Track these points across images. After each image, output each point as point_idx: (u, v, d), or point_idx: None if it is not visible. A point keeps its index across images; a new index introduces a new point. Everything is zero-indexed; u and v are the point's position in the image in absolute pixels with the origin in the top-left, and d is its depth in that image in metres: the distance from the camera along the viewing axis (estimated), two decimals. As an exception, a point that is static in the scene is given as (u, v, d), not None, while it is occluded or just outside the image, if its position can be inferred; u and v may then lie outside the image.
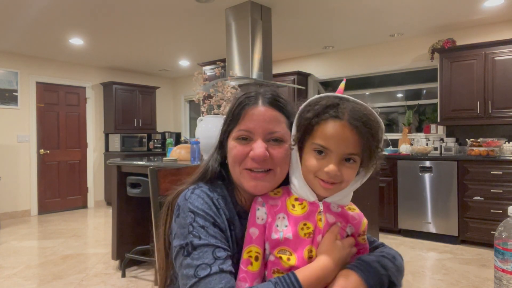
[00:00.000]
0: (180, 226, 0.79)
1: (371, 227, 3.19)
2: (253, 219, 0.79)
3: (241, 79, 3.63)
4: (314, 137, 0.75)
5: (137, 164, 3.08)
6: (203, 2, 3.66)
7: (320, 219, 0.77)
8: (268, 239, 0.77)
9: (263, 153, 0.79)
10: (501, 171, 3.77)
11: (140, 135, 6.88)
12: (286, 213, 0.78)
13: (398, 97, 5.50)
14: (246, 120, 0.82)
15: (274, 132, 0.82)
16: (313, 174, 0.76)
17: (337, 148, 0.73)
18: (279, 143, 0.82)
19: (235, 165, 0.83)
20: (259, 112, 0.82)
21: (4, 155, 5.55)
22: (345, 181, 0.76)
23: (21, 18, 4.07)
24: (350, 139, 0.72)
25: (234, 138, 0.84)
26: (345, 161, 0.74)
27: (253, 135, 0.82)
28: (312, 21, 4.32)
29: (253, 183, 0.81)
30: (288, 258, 0.74)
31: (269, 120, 0.82)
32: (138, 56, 5.93)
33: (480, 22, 4.37)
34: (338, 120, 0.73)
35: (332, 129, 0.73)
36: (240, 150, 0.82)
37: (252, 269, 0.76)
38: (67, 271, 3.30)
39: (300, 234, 0.75)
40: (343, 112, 0.73)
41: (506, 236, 0.59)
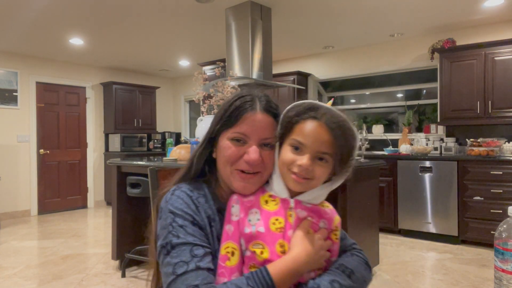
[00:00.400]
0: (162, 227, 0.82)
1: (371, 227, 3.20)
2: (228, 217, 0.83)
3: (241, 79, 3.63)
4: (293, 134, 0.81)
5: (137, 164, 3.08)
6: (203, 2, 3.66)
7: (290, 215, 0.81)
8: (242, 234, 0.80)
9: (258, 158, 0.83)
10: (501, 171, 3.77)
11: (140, 135, 6.88)
12: (259, 208, 0.82)
13: (398, 97, 5.50)
14: (244, 124, 0.85)
15: (267, 138, 0.86)
16: (287, 166, 0.81)
17: (312, 145, 0.78)
18: (269, 148, 0.86)
19: (227, 164, 0.86)
20: (257, 118, 0.85)
21: (4, 155, 5.55)
22: (316, 178, 0.80)
23: (21, 18, 4.08)
24: (324, 138, 0.78)
25: (228, 138, 0.86)
26: (318, 159, 0.79)
27: (248, 139, 0.85)
28: (312, 21, 4.32)
29: (243, 184, 0.85)
30: (262, 252, 0.77)
31: (266, 126, 0.86)
32: (138, 56, 5.93)
33: (480, 22, 4.37)
34: (316, 121, 0.79)
35: (310, 127, 0.79)
36: (234, 152, 0.85)
37: (230, 264, 0.79)
38: (67, 271, 3.30)
39: (272, 229, 0.79)
40: (321, 114, 0.80)
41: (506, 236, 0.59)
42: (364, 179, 2.97)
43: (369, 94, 5.75)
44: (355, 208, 2.80)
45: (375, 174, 3.16)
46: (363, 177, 2.94)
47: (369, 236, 3.03)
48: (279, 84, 4.09)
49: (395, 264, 3.41)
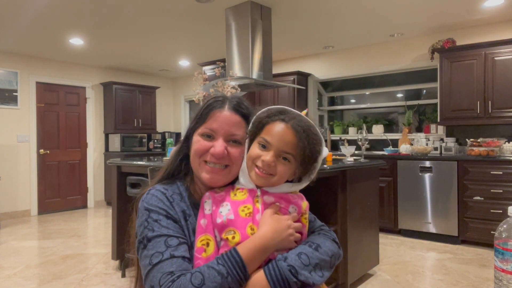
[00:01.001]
0: (139, 225, 0.88)
1: (371, 227, 3.20)
2: (201, 212, 0.89)
3: (241, 79, 3.63)
4: (262, 133, 0.88)
5: (137, 164, 3.08)
6: (203, 2, 3.66)
7: (257, 201, 0.87)
8: (215, 225, 0.85)
9: (222, 151, 0.90)
10: (501, 171, 3.77)
11: (140, 135, 6.88)
12: (229, 200, 0.88)
13: (398, 97, 5.50)
14: (212, 120, 0.92)
15: (234, 134, 0.92)
16: (252, 160, 0.88)
17: (277, 143, 0.85)
18: (237, 145, 0.93)
19: (196, 157, 0.93)
20: (224, 115, 0.92)
21: (4, 155, 5.55)
22: (277, 175, 0.86)
23: (21, 18, 4.08)
24: (290, 140, 0.85)
25: (199, 134, 0.93)
26: (282, 158, 0.86)
27: (216, 134, 0.92)
28: (312, 21, 4.32)
29: (209, 175, 0.91)
30: (233, 237, 0.82)
31: (232, 124, 0.92)
32: (138, 56, 5.93)
33: (480, 22, 4.37)
34: (284, 123, 0.87)
35: (278, 128, 0.86)
36: (202, 145, 0.92)
37: (206, 255, 0.83)
38: (67, 271, 3.30)
39: (241, 215, 0.84)
40: (289, 118, 0.88)
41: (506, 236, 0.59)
42: (364, 179, 2.96)
43: (369, 94, 5.75)
44: (355, 208, 2.80)
45: (375, 174, 3.16)
46: (363, 177, 2.94)
47: (369, 236, 3.03)
48: (279, 84, 4.09)
49: (395, 264, 3.41)
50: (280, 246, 0.82)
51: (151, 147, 6.99)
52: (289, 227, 0.83)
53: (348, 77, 5.70)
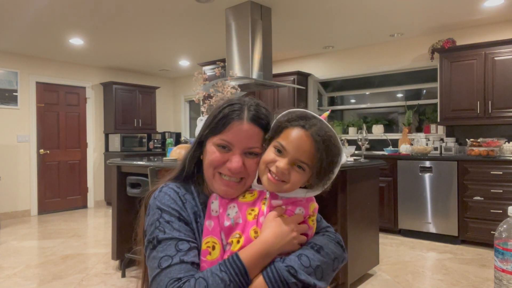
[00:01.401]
0: (149, 224, 0.86)
1: (371, 227, 3.20)
2: (208, 212, 0.87)
3: (241, 79, 3.63)
4: (279, 137, 0.84)
5: (137, 164, 3.08)
6: (203, 2, 3.66)
7: (264, 203, 0.84)
8: (222, 228, 0.84)
9: (239, 167, 0.86)
10: (501, 171, 3.77)
11: (140, 135, 6.88)
12: (237, 202, 0.86)
13: (398, 97, 5.50)
14: (230, 133, 0.87)
15: (252, 147, 0.88)
16: (265, 164, 0.84)
17: (293, 151, 0.81)
18: (254, 156, 0.89)
19: (210, 168, 0.89)
20: (243, 128, 0.87)
21: (4, 155, 5.55)
22: (290, 182, 0.82)
23: (21, 18, 4.08)
24: (307, 149, 0.81)
25: (214, 144, 0.89)
26: (297, 166, 0.82)
27: (233, 147, 0.88)
28: (312, 21, 4.32)
29: (224, 188, 0.88)
30: (238, 241, 0.81)
31: (251, 136, 0.88)
32: (138, 56, 5.93)
33: (480, 22, 4.37)
34: (304, 130, 0.82)
35: (296, 134, 0.82)
36: (218, 157, 0.88)
37: (211, 258, 0.82)
38: (67, 271, 3.30)
39: (248, 219, 0.83)
40: (310, 125, 0.83)
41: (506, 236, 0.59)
42: (364, 179, 2.96)
43: (369, 94, 5.75)
44: (355, 208, 2.80)
45: (375, 174, 3.16)
46: (363, 177, 2.94)
47: (369, 236, 3.03)
48: (279, 84, 4.09)
49: (395, 264, 3.41)
50: (283, 250, 0.80)
51: (151, 147, 6.99)
52: (293, 230, 0.81)
53: (348, 77, 5.70)
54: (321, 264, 0.82)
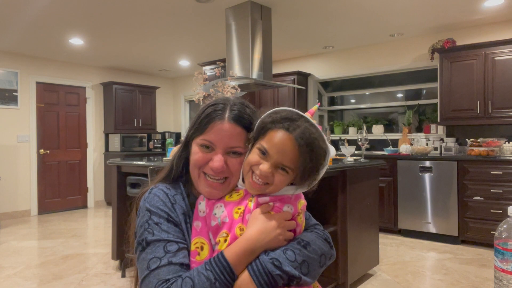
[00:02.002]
0: (139, 226, 0.87)
1: (371, 227, 3.19)
2: (196, 213, 0.87)
3: (241, 79, 3.63)
4: (263, 140, 0.82)
5: (137, 164, 3.08)
6: (203, 2, 3.66)
7: (250, 200, 0.84)
8: (209, 228, 0.84)
9: (221, 166, 0.86)
10: (501, 171, 3.77)
11: (140, 135, 6.88)
12: (223, 202, 0.86)
13: (398, 97, 5.50)
14: (211, 133, 0.88)
15: (234, 147, 0.88)
16: (249, 166, 0.83)
17: (276, 155, 0.80)
18: (237, 156, 0.89)
19: (195, 168, 0.90)
20: (224, 128, 0.88)
21: (4, 155, 5.55)
22: (274, 184, 0.81)
23: (21, 18, 4.08)
24: (290, 153, 0.79)
25: (197, 144, 0.90)
26: (280, 169, 0.81)
27: (215, 147, 0.88)
28: (312, 21, 4.32)
29: (208, 189, 0.88)
30: (225, 240, 0.80)
31: (232, 136, 0.88)
32: (138, 56, 5.93)
33: (480, 22, 4.37)
34: (287, 133, 0.80)
35: (279, 138, 0.80)
36: (201, 157, 0.89)
37: (200, 258, 0.82)
38: (67, 271, 3.30)
39: (235, 217, 0.82)
40: (294, 128, 0.80)
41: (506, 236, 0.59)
42: (364, 179, 2.96)
43: (369, 94, 5.75)
44: (355, 208, 2.80)
45: (375, 174, 3.16)
46: (363, 177, 2.94)
47: (369, 236, 3.03)
48: (279, 84, 4.09)
49: (395, 264, 3.41)
50: (268, 246, 0.79)
51: (151, 147, 6.99)
52: (278, 227, 0.80)
53: (348, 77, 5.70)
54: (307, 259, 0.81)
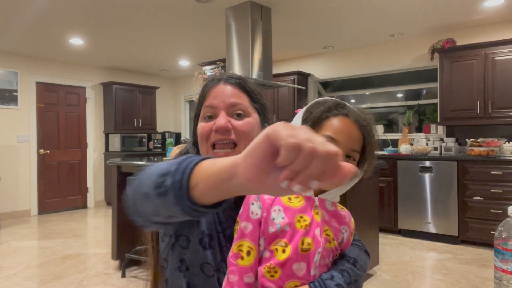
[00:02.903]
0: None
1: (371, 227, 3.20)
2: (246, 214, 0.77)
3: (241, 79, 3.62)
4: (323, 130, 0.79)
5: (137, 164, 3.08)
6: (203, 2, 3.66)
7: (317, 213, 0.78)
8: (265, 234, 0.76)
9: (225, 123, 0.81)
10: (501, 171, 3.77)
11: (140, 135, 6.88)
12: (282, 205, 0.78)
13: (398, 97, 5.50)
14: (209, 98, 0.86)
15: (235, 104, 0.84)
16: None
17: (345, 141, 0.77)
18: (242, 117, 0.84)
19: (203, 143, 0.85)
20: (220, 88, 0.85)
21: (4, 155, 5.55)
22: None
23: (21, 18, 4.07)
24: (356, 135, 0.79)
25: (201, 119, 0.87)
26: (347, 157, 0.78)
27: (217, 111, 0.84)
28: (312, 21, 4.32)
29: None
30: (284, 250, 0.73)
31: (230, 94, 0.85)
32: (138, 56, 5.93)
33: (480, 22, 4.37)
34: (347, 118, 0.79)
35: (342, 124, 0.78)
36: (205, 127, 0.84)
37: (243, 263, 0.74)
38: (67, 271, 3.30)
39: (297, 226, 0.75)
40: (349, 111, 0.81)
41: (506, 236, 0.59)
42: (364, 179, 2.96)
43: (369, 94, 5.74)
44: (355, 208, 2.80)
45: (375, 174, 3.16)
46: (363, 177, 2.94)
47: (369, 236, 3.03)
48: (279, 84, 4.09)
49: (395, 264, 3.41)
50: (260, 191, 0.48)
51: (151, 147, 6.99)
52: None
53: (348, 77, 5.70)
54: (357, 278, 0.80)
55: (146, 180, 0.58)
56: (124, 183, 3.21)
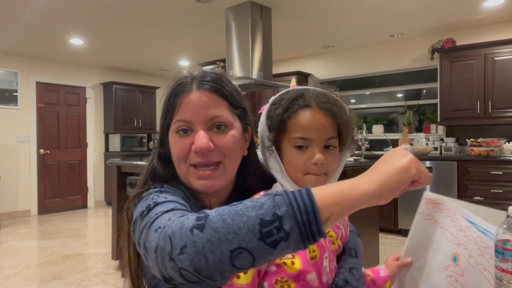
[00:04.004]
0: (141, 206, 0.67)
1: (371, 227, 3.19)
2: None
3: (241, 79, 3.63)
4: (291, 132, 0.72)
5: (137, 164, 3.08)
6: (203, 2, 3.66)
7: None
8: None
9: (206, 144, 0.70)
10: (501, 171, 3.77)
11: (140, 135, 6.88)
12: None
13: (398, 97, 5.50)
14: (182, 109, 0.72)
15: (215, 117, 0.72)
16: (302, 173, 0.72)
17: (317, 135, 0.71)
18: (223, 131, 0.73)
19: (180, 163, 0.74)
20: (195, 98, 0.72)
21: (4, 155, 5.55)
22: (330, 169, 0.73)
23: (21, 18, 4.07)
24: (325, 123, 0.71)
25: (173, 132, 0.74)
26: (326, 148, 0.72)
27: (193, 125, 0.72)
28: (312, 21, 4.32)
29: (202, 181, 0.73)
30: (292, 262, 0.68)
31: (207, 105, 0.72)
32: (138, 56, 5.93)
33: (480, 22, 4.37)
34: (308, 108, 0.72)
35: (306, 118, 0.71)
36: (181, 146, 0.72)
37: (239, 282, 0.65)
38: (67, 271, 3.30)
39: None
40: (309, 100, 0.73)
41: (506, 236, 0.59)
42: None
43: (369, 94, 5.74)
44: (355, 208, 2.80)
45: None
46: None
47: (369, 236, 3.03)
48: (279, 84, 4.09)
49: (395, 264, 3.41)
50: (389, 194, 0.55)
51: (151, 147, 6.99)
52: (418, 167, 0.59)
53: (348, 77, 5.70)
54: (359, 268, 0.81)
55: (232, 235, 0.49)
56: (124, 183, 3.21)
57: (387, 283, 0.85)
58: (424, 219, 0.78)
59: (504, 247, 0.59)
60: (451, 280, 0.67)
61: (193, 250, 0.49)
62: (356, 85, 5.78)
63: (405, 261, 0.77)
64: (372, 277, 0.87)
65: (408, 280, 0.77)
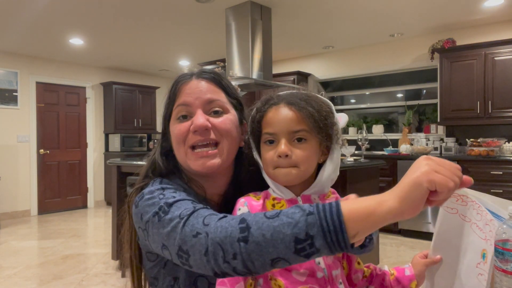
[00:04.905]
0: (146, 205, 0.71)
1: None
2: None
3: (241, 79, 3.63)
4: (262, 130, 0.77)
5: (137, 164, 3.08)
6: (203, 2, 3.66)
7: None
8: None
9: (204, 122, 0.76)
10: (501, 171, 3.77)
11: (140, 135, 6.88)
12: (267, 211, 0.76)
13: (398, 97, 5.50)
14: (182, 95, 0.80)
15: (212, 100, 0.79)
16: (272, 166, 0.75)
17: (281, 128, 0.73)
18: (220, 115, 0.80)
19: (179, 146, 0.79)
20: (194, 84, 0.80)
21: (4, 155, 5.55)
22: (300, 163, 0.73)
23: (21, 18, 4.07)
24: (291, 116, 0.73)
25: (174, 119, 0.81)
26: (297, 141, 0.73)
27: (192, 109, 0.79)
28: (312, 21, 4.32)
29: (200, 161, 0.77)
30: None
31: (206, 90, 0.80)
32: (138, 56, 5.93)
33: (480, 22, 4.37)
34: (275, 106, 0.76)
35: (273, 114, 0.75)
36: (181, 129, 0.78)
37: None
38: (67, 271, 3.30)
39: None
40: (279, 98, 0.77)
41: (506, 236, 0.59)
42: (364, 179, 2.96)
43: (369, 94, 5.74)
44: (355, 208, 2.80)
45: (375, 174, 3.16)
46: (363, 177, 2.94)
47: (369, 236, 3.03)
48: (279, 84, 4.08)
49: (395, 264, 3.41)
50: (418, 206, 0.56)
51: (151, 147, 6.99)
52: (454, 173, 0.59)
53: (348, 77, 5.70)
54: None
55: (271, 248, 0.57)
56: (124, 183, 3.21)
57: (413, 283, 0.82)
58: (449, 213, 0.75)
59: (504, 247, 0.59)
60: (481, 278, 0.64)
61: (242, 258, 0.58)
62: (356, 85, 5.78)
63: (434, 259, 0.75)
64: (396, 276, 0.84)
65: (438, 278, 0.74)
